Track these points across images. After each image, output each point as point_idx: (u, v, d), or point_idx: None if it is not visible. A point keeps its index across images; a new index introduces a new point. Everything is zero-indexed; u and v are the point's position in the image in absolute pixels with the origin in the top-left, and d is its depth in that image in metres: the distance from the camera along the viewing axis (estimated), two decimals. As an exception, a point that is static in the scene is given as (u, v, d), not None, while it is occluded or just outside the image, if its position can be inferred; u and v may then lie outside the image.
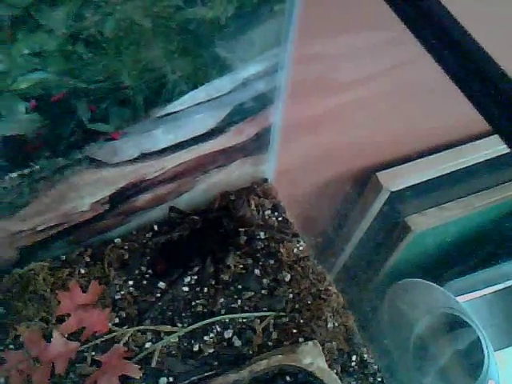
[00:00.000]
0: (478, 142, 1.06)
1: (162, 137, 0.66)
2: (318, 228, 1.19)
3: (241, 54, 0.60)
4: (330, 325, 0.74)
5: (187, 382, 0.69)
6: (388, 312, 1.17)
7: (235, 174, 0.80)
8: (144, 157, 0.67)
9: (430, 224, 1.12)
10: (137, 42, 0.51)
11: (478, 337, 1.08)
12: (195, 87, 0.62)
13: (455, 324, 1.12)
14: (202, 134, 0.69)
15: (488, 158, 1.06)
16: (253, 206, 0.82)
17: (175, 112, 0.63)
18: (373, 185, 1.05)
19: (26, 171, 0.60)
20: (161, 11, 0.49)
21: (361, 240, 1.18)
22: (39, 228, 0.70)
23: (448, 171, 1.06)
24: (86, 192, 0.68)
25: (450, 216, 1.13)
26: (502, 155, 1.04)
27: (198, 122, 0.67)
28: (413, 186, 1.05)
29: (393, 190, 1.03)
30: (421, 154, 1.05)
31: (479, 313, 1.16)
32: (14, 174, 0.59)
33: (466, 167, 1.06)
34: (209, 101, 0.64)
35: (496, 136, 0.37)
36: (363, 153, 1.00)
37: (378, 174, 1.03)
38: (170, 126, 0.65)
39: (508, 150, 0.37)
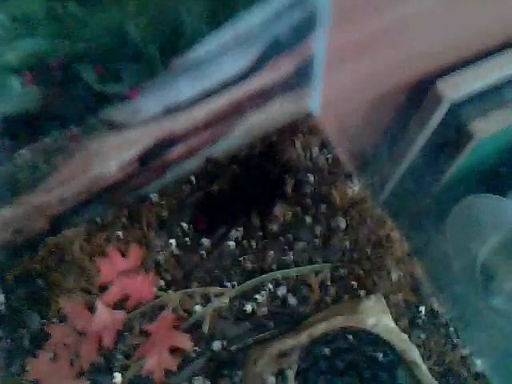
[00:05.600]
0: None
1: (187, 87, 0.56)
2: (371, 159, 1.09)
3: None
4: (393, 275, 0.67)
5: (242, 344, 0.65)
6: (452, 234, 1.09)
7: (275, 113, 0.70)
8: (169, 111, 0.59)
9: (494, 129, 1.00)
10: (138, -13, 0.41)
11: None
12: (218, 25, 0.51)
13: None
14: (233, 77, 0.60)
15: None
16: (298, 147, 0.73)
17: (198, 57, 0.53)
18: (431, 95, 0.94)
19: (36, 145, 0.52)
20: None
21: (415, 158, 1.08)
22: (67, 196, 0.64)
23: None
24: (111, 156, 0.61)
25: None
26: None
27: (227, 64, 0.57)
28: (474, 92, 0.93)
29: (453, 97, 0.91)
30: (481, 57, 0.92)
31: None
32: (23, 151, 0.52)
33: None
34: (236, 39, 0.54)
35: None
36: (419, 65, 0.87)
37: (437, 82, 0.91)
38: (193, 74, 0.55)
39: None
